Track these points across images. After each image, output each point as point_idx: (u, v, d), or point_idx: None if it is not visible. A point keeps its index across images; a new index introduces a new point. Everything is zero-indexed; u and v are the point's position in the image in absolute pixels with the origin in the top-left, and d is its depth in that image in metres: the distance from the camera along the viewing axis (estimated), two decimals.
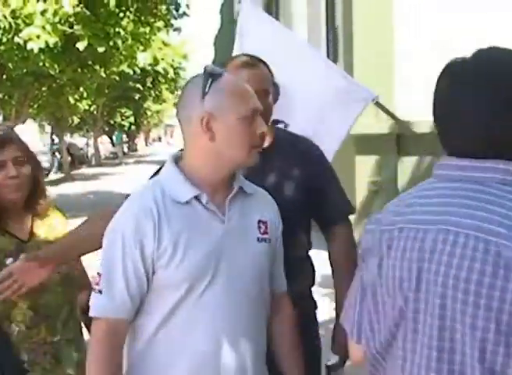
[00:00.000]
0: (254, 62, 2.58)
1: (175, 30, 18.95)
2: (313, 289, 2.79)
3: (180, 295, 1.99)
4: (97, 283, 2.02)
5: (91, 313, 2.03)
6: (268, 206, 2.24)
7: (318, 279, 2.83)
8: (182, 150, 2.18)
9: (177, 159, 2.12)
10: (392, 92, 9.30)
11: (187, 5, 18.52)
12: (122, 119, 48.69)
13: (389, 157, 9.32)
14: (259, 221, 2.15)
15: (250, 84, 2.47)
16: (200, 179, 2.04)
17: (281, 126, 2.82)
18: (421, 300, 1.42)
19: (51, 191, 2.91)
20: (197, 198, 2.02)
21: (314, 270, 2.75)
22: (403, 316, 1.46)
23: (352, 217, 9.08)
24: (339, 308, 2.62)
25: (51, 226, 2.78)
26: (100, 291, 2.00)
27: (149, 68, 31.94)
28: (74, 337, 2.76)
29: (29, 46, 12.83)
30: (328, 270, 2.73)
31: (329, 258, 2.71)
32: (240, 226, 2.09)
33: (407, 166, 9.29)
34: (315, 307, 2.75)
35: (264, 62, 2.64)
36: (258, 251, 2.12)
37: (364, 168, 9.42)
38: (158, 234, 1.97)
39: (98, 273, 2.02)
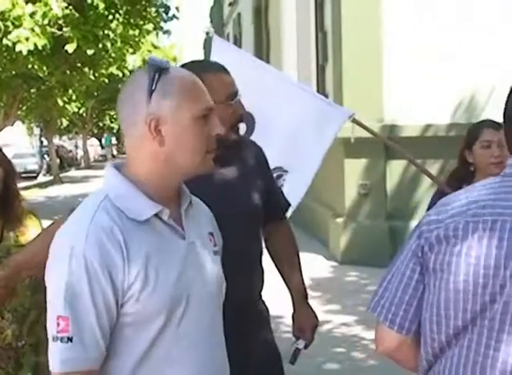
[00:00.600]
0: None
1: (164, 32, 18.94)
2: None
3: (156, 329, 1.70)
4: (63, 330, 1.61)
5: (57, 368, 1.64)
6: (209, 216, 2.02)
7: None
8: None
9: (119, 169, 1.82)
10: (381, 96, 9.33)
11: (177, 8, 18.51)
12: (112, 122, 48.56)
13: (378, 160, 9.35)
14: (208, 233, 1.94)
15: (232, 88, 2.49)
16: (151, 191, 1.76)
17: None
18: None
19: (40, 194, 2.89)
20: (156, 214, 1.74)
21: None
22: (494, 303, 1.51)
23: (340, 220, 9.11)
24: (295, 295, 2.81)
25: (24, 232, 2.74)
26: (69, 339, 1.61)
27: None
28: (37, 341, 2.74)
29: (18, 48, 12.76)
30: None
31: (272, 250, 2.85)
32: (198, 241, 1.85)
33: (395, 169, 9.31)
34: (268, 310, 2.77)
35: None
36: (216, 265, 1.91)
37: (354, 171, 9.44)
38: (126, 260, 1.66)
39: (60, 317, 1.63)
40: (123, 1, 15.07)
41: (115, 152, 54.96)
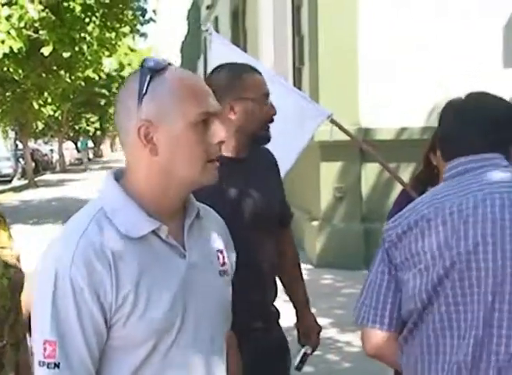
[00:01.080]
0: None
1: (141, 35, 18.95)
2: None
3: (143, 355, 1.58)
4: (50, 355, 1.52)
5: None
6: (221, 229, 1.85)
7: None
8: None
9: (118, 178, 1.67)
10: (357, 99, 9.39)
11: (154, 11, 18.55)
12: (88, 125, 48.40)
13: (353, 164, 9.40)
14: (217, 250, 1.77)
15: (266, 88, 2.59)
16: (151, 204, 1.62)
17: None
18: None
19: (14, 198, 2.88)
20: (153, 231, 1.61)
21: None
22: (453, 271, 1.78)
23: (316, 223, 9.12)
24: (299, 303, 2.86)
25: None
26: (56, 365, 1.52)
27: (115, 73, 31.78)
28: (16, 341, 2.76)
29: None
30: None
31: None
32: (201, 260, 1.69)
33: (370, 172, 9.37)
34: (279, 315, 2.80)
35: None
36: (222, 288, 1.76)
37: (329, 174, 9.49)
38: (115, 280, 1.54)
39: (47, 341, 1.52)
40: (100, 4, 15.07)
41: (91, 156, 54.68)
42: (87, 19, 14.94)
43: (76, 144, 51.01)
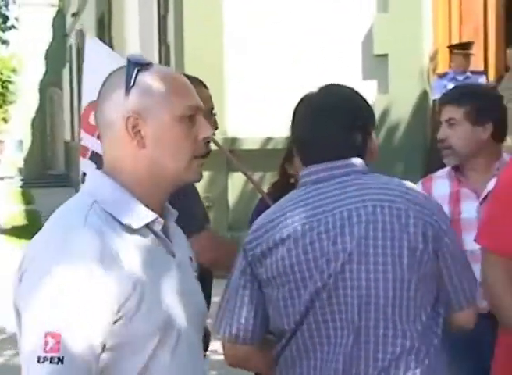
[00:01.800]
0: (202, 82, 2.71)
1: (3, 42, 18.41)
2: None
3: (150, 352, 1.50)
4: (53, 349, 1.38)
5: None
6: (186, 240, 1.82)
7: None
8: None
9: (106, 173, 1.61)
10: (224, 109, 9.43)
11: (16, 19, 18.04)
12: None
13: (220, 173, 9.44)
14: (189, 257, 1.76)
15: (211, 102, 2.68)
16: (139, 198, 1.56)
17: None
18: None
19: None
20: (147, 224, 1.56)
21: None
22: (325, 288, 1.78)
23: None
24: None
25: None
26: (60, 360, 1.38)
27: None
28: None
29: None
30: None
31: None
32: (184, 261, 1.68)
33: (236, 181, 9.44)
34: None
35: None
36: (200, 291, 1.75)
37: (197, 184, 9.45)
38: (123, 270, 1.47)
39: (49, 334, 1.39)
40: None
41: None
42: None
43: None
